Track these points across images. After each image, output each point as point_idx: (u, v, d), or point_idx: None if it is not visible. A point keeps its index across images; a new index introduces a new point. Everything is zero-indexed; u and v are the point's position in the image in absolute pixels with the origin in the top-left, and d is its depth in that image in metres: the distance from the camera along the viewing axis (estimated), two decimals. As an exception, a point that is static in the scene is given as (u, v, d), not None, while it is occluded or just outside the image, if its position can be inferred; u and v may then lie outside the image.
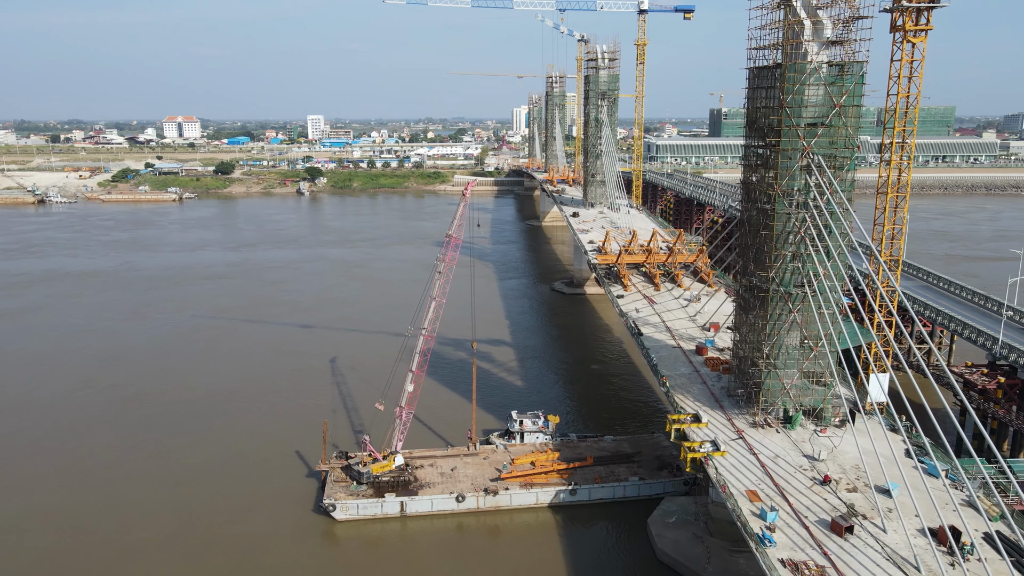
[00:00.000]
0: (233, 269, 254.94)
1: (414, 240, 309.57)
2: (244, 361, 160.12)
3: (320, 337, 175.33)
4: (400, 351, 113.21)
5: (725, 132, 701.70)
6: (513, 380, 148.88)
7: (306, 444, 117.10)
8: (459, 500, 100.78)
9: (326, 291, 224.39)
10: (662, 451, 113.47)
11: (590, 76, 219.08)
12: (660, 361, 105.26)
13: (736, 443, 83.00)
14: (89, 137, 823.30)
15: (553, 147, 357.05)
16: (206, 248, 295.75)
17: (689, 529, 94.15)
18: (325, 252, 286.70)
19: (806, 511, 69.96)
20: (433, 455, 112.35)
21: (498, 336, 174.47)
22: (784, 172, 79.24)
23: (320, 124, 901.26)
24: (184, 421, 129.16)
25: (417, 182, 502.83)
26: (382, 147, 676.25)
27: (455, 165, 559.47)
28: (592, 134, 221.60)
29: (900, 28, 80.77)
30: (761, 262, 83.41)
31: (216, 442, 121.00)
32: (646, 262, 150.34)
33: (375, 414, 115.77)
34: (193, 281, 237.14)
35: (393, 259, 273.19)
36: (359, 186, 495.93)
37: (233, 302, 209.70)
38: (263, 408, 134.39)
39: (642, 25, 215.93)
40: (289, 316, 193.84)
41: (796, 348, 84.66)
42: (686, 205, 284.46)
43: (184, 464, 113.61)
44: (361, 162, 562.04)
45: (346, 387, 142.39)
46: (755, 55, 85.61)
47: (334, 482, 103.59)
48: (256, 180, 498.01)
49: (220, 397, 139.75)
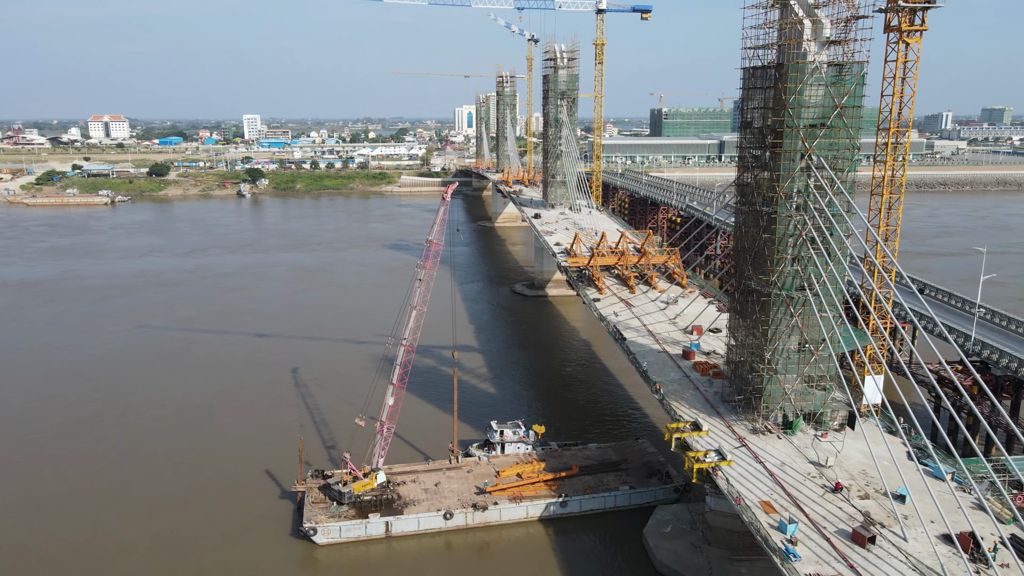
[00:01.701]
0: (187, 276, 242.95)
1: (371, 243, 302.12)
2: (211, 375, 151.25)
3: (289, 347, 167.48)
4: (379, 362, 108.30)
5: (666, 132, 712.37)
6: (485, 387, 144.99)
7: (278, 463, 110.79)
8: (447, 517, 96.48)
9: (291, 298, 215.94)
10: (649, 458, 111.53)
11: (549, 76, 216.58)
12: (648, 367, 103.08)
13: (739, 451, 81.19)
14: (8, 137, 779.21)
15: (505, 147, 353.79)
16: (154, 254, 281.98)
17: (686, 538, 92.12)
18: (282, 257, 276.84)
19: (823, 521, 68.44)
20: (415, 470, 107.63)
21: (464, 341, 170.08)
22: (787, 174, 77.74)
23: (257, 124, 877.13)
24: (153, 442, 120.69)
25: (363, 183, 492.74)
26: (323, 147, 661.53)
27: (400, 166, 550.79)
28: (553, 134, 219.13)
29: (895, 28, 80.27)
30: (761, 265, 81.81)
31: (189, 465, 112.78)
32: (617, 264, 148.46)
33: (352, 429, 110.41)
34: (147, 289, 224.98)
35: (354, 263, 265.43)
36: (303, 188, 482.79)
37: (194, 311, 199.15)
38: (235, 426, 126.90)
39: (600, 25, 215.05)
40: (255, 325, 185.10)
41: (796, 352, 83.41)
42: (640, 205, 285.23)
43: (156, 489, 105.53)
44: (303, 163, 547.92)
45: (318, 401, 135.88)
46: (750, 55, 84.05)
47: (312, 504, 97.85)
48: (193, 182, 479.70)
49: (190, 414, 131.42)
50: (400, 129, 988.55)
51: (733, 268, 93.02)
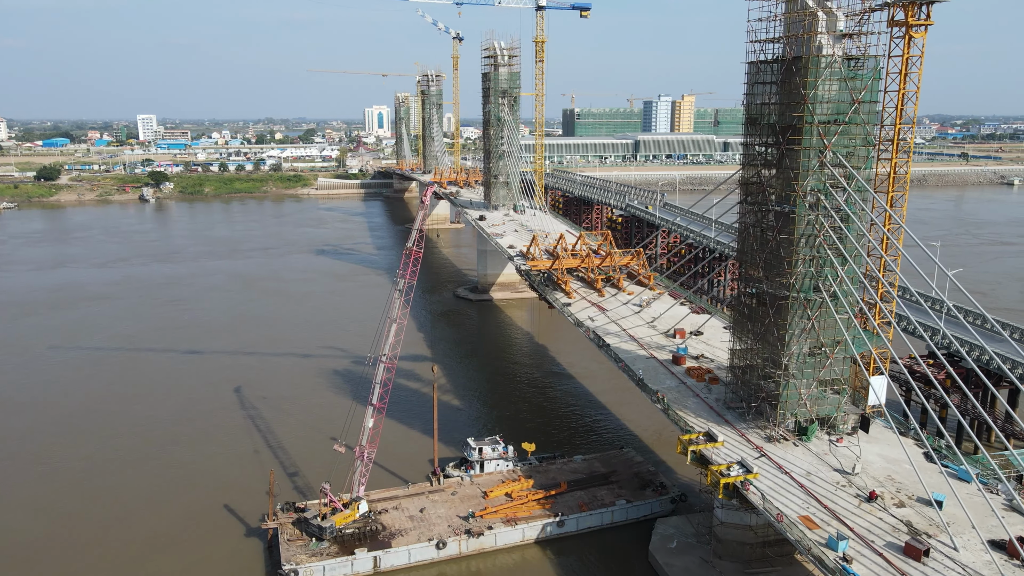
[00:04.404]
0: (116, 288, 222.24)
1: (310, 249, 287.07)
2: (159, 399, 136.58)
3: (241, 364, 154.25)
4: (346, 379, 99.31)
5: (579, 132, 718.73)
6: (448, 400, 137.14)
7: (239, 497, 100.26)
8: (439, 547, 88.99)
9: (237, 308, 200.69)
10: (638, 467, 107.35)
11: (489, 73, 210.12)
12: (643, 375, 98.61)
13: (759, 461, 77.67)
14: None
15: (432, 147, 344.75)
16: (70, 265, 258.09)
17: (695, 553, 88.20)
18: (216, 265, 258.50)
19: (868, 535, 65.47)
20: (395, 496, 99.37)
21: (415, 351, 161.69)
22: (805, 172, 74.72)
23: (152, 124, 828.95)
24: (102, 481, 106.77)
25: (277, 186, 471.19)
26: (228, 149, 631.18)
27: (315, 167, 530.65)
28: (494, 134, 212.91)
29: (901, 23, 78.76)
30: (776, 268, 78.60)
31: (145, 506, 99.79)
32: (581, 266, 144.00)
33: (323, 456, 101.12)
34: (74, 304, 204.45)
35: (299, 270, 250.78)
36: (212, 192, 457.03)
37: (133, 327, 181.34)
38: (188, 457, 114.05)
39: (540, 22, 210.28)
40: (204, 341, 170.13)
41: (810, 356, 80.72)
42: (575, 204, 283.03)
43: (103, 540, 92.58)
44: (210, 165, 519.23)
45: (278, 424, 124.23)
46: (756, 49, 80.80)
47: (288, 542, 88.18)
48: (89, 186, 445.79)
49: (142, 446, 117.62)
50: (307, 130, 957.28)
51: (734, 271, 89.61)
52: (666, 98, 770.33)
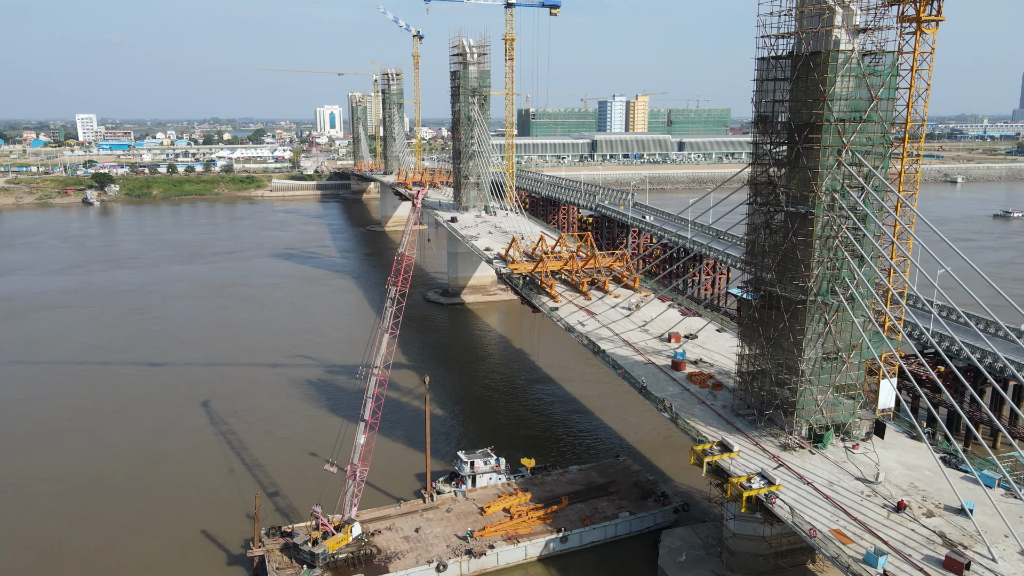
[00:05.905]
0: (75, 297, 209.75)
1: (271, 252, 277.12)
2: (137, 416, 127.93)
3: (215, 376, 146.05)
4: (329, 391, 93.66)
5: (534, 132, 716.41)
6: (431, 410, 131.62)
7: (219, 521, 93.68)
8: (440, 569, 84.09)
9: (208, 317, 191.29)
10: (636, 477, 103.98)
11: (459, 72, 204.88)
12: (646, 382, 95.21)
13: (778, 471, 74.85)
14: None
15: (394, 147, 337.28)
16: (20, 272, 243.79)
17: (705, 565, 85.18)
18: (180, 270, 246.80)
19: (903, 548, 63.02)
20: (387, 515, 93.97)
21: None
22: (823, 171, 72.17)
23: (93, 124, 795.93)
24: (79, 509, 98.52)
25: (229, 188, 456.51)
26: (175, 150, 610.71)
27: (268, 168, 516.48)
28: (464, 133, 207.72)
29: (912, 18, 76.89)
30: (793, 270, 75.92)
31: (126, 534, 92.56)
32: (565, 268, 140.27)
33: (308, 474, 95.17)
34: (31, 314, 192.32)
35: (267, 274, 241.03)
36: (160, 194, 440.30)
37: (98, 338, 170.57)
38: (173, 479, 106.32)
39: (510, 20, 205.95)
40: (176, 352, 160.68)
41: (826, 361, 78.34)
42: (541, 205, 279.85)
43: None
44: (157, 166, 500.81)
45: (257, 441, 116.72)
46: (767, 44, 78.02)
47: (277, 570, 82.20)
48: (28, 189, 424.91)
49: (116, 468, 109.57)
50: (256, 130, 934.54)
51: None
52: (620, 98, 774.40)
